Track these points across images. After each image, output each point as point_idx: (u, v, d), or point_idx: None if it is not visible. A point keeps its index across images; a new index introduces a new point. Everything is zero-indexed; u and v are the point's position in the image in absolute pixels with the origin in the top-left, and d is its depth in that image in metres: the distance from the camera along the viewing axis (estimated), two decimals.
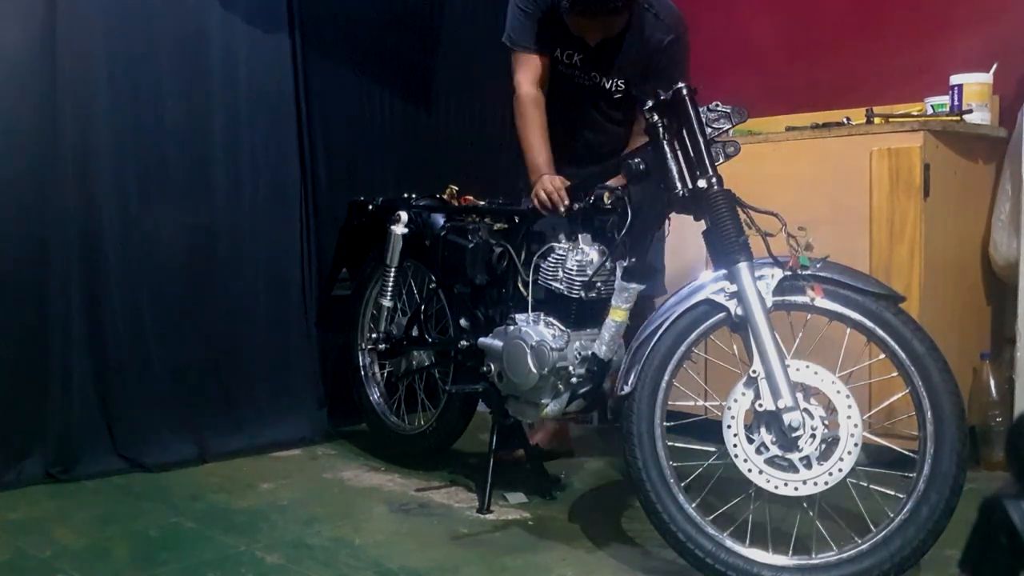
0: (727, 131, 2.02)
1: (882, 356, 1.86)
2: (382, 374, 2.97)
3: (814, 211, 2.42)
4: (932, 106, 2.88)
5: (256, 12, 3.04)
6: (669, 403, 1.95)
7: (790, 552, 1.83)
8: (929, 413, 1.77)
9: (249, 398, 3.05)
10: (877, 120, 2.74)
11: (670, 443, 1.94)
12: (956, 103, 2.80)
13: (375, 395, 2.97)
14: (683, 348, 1.94)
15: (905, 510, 1.75)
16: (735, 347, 1.97)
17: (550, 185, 2.34)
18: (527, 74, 2.54)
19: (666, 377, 1.93)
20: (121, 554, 2.11)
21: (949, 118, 2.75)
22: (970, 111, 2.76)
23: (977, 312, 2.85)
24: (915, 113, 2.86)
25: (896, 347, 1.80)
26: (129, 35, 2.78)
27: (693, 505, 1.88)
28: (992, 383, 2.71)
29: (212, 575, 1.99)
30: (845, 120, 2.84)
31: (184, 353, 2.91)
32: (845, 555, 1.77)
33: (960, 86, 2.80)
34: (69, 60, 2.66)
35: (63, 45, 2.64)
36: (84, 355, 2.71)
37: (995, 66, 2.84)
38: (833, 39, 3.33)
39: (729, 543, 1.83)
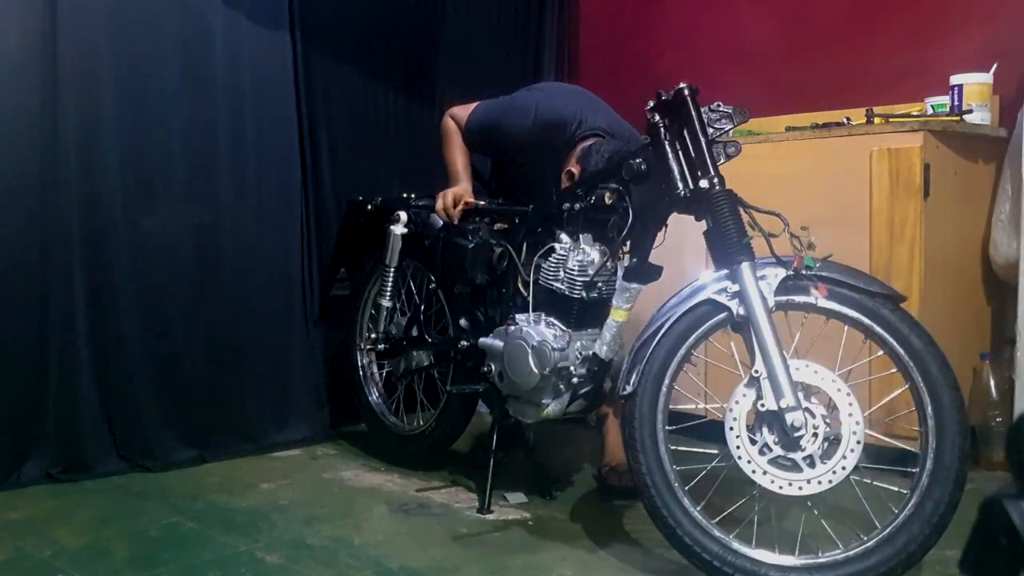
0: (728, 131, 2.02)
1: (880, 353, 1.86)
2: (381, 374, 2.97)
3: (814, 211, 2.42)
4: (932, 106, 2.88)
5: (259, 11, 3.03)
6: (670, 405, 1.95)
7: (796, 552, 1.82)
8: (929, 408, 1.77)
9: (250, 398, 3.04)
10: (877, 120, 2.74)
11: (672, 446, 1.94)
12: (956, 103, 2.80)
13: (374, 395, 2.97)
14: (684, 348, 1.94)
15: (909, 505, 1.75)
16: (734, 348, 1.97)
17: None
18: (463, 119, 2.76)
19: (668, 378, 1.93)
20: (121, 554, 2.11)
21: (949, 118, 2.75)
22: (970, 111, 2.76)
23: (977, 312, 2.85)
24: (915, 113, 2.86)
25: (894, 343, 1.81)
26: (132, 35, 2.78)
27: (698, 508, 1.87)
28: (992, 383, 2.71)
29: (212, 575, 1.99)
30: (845, 120, 2.84)
31: (185, 353, 2.90)
32: (851, 553, 1.76)
33: (960, 86, 2.80)
34: (72, 59, 2.65)
35: (65, 44, 2.64)
36: (85, 355, 2.70)
37: (995, 66, 2.84)
38: (833, 39, 3.33)
39: (735, 545, 1.82)
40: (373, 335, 2.88)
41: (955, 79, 2.82)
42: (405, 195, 2.82)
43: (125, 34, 2.76)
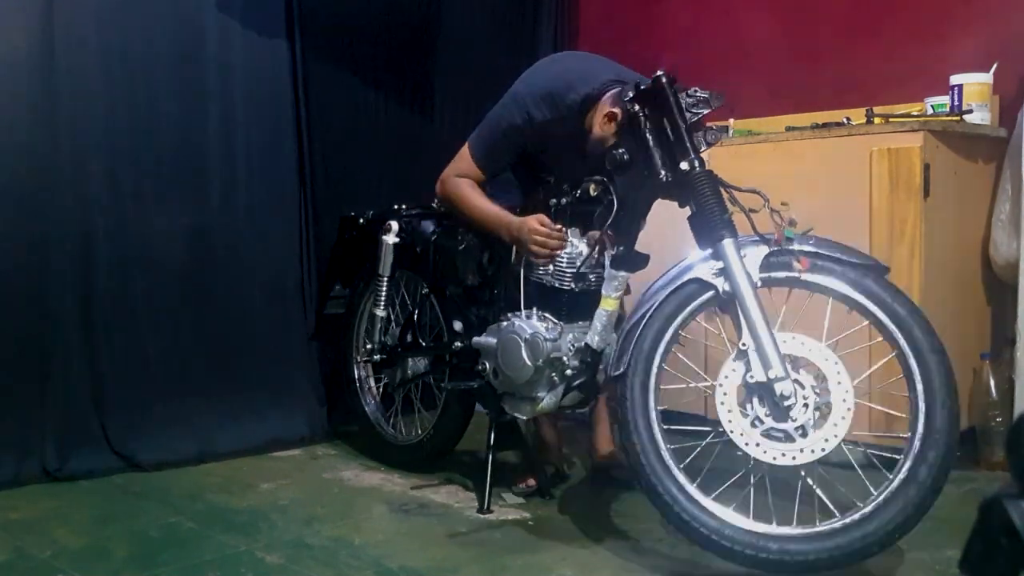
0: (705, 115, 2.03)
1: (866, 322, 1.87)
2: (378, 386, 2.97)
3: (814, 211, 2.41)
4: (932, 106, 2.88)
5: (254, 16, 3.05)
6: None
7: (794, 522, 1.83)
8: (917, 373, 1.77)
9: (247, 398, 3.04)
10: (877, 120, 2.74)
11: (665, 425, 1.94)
12: (956, 103, 2.80)
13: (371, 407, 2.96)
14: (673, 328, 1.95)
15: (904, 470, 1.75)
16: (723, 329, 1.97)
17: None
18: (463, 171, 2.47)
19: (657, 359, 1.94)
20: (121, 554, 2.11)
21: (949, 118, 2.75)
22: (970, 111, 2.76)
23: (977, 312, 2.85)
24: (915, 113, 2.86)
25: (879, 312, 1.82)
26: (126, 38, 2.79)
27: (694, 484, 1.88)
28: (992, 383, 2.71)
29: (212, 575, 1.99)
30: (845, 120, 2.84)
31: (181, 353, 2.91)
32: (848, 520, 1.76)
33: (960, 86, 2.80)
34: (66, 62, 2.66)
35: (61, 47, 2.65)
36: (80, 355, 2.71)
37: (995, 66, 2.84)
38: (833, 39, 3.33)
39: (733, 519, 1.83)
40: (369, 346, 2.87)
41: (955, 79, 2.82)
42: (396, 206, 2.82)
43: (119, 37, 2.77)
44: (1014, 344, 2.59)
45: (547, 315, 2.27)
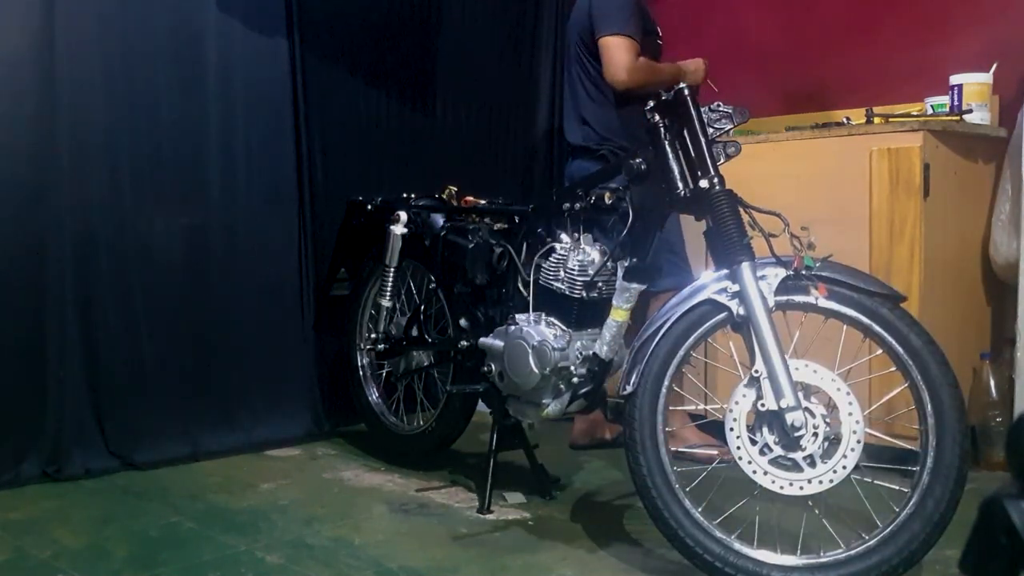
0: (728, 131, 2.02)
1: (880, 352, 1.86)
2: (381, 375, 2.97)
3: (814, 211, 2.41)
4: (932, 106, 2.88)
5: (254, 13, 3.05)
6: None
7: (798, 552, 1.82)
8: (929, 406, 1.77)
9: (244, 397, 3.04)
10: (877, 120, 2.74)
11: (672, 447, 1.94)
12: (956, 103, 2.81)
13: (373, 395, 2.96)
14: (684, 349, 1.94)
15: (911, 504, 1.75)
16: (733, 348, 1.97)
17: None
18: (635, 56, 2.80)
19: (667, 379, 1.93)
20: (121, 554, 2.11)
21: (949, 118, 2.75)
22: (970, 111, 2.77)
23: (977, 312, 2.85)
24: (915, 113, 2.87)
25: (893, 342, 1.81)
26: (127, 38, 2.79)
27: (699, 509, 1.87)
28: (992, 383, 2.71)
29: (212, 575, 1.99)
30: (845, 120, 2.85)
31: (179, 352, 2.91)
32: (853, 552, 1.76)
33: (960, 86, 2.80)
34: (66, 61, 2.66)
35: (61, 47, 2.65)
36: (78, 354, 2.71)
37: (995, 66, 2.84)
38: (833, 39, 3.33)
39: (737, 546, 1.82)
40: (373, 335, 2.88)
41: (955, 79, 2.82)
42: (405, 195, 2.82)
43: (119, 36, 2.78)
44: (1014, 344, 2.59)
45: (555, 321, 2.27)
